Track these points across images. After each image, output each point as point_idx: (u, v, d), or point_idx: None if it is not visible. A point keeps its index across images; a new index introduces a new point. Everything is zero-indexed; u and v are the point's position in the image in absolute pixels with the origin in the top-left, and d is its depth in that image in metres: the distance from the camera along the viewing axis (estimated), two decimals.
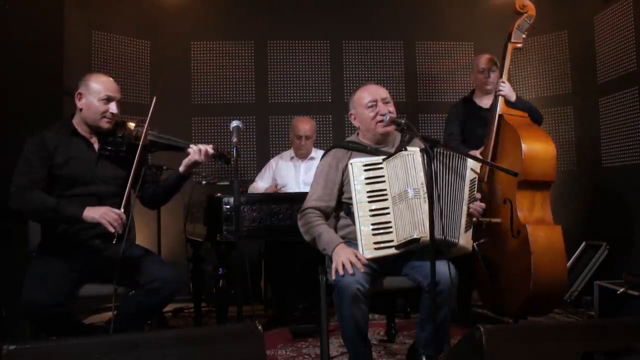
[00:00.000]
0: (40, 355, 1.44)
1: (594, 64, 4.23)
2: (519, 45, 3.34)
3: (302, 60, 4.81)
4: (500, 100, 3.26)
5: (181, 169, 2.47)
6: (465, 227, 2.31)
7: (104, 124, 2.40)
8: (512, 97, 3.30)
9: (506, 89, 3.27)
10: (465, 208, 2.31)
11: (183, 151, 2.48)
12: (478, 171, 2.41)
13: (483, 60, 3.56)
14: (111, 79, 2.46)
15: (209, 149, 2.45)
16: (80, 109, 2.41)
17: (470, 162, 2.36)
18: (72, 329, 2.19)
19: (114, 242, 2.20)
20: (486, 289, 3.31)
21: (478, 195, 2.40)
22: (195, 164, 2.46)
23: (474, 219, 2.37)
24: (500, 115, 3.23)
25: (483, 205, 2.40)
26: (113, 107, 2.40)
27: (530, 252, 2.90)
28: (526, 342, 1.69)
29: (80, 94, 2.40)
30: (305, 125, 3.88)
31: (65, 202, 2.27)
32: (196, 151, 2.43)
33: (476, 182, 2.39)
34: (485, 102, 3.52)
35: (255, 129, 4.75)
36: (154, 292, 2.24)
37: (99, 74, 2.46)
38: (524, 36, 3.33)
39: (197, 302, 3.52)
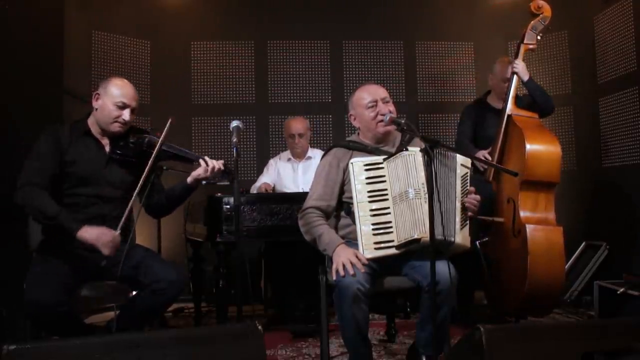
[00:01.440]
0: (41, 355, 1.45)
1: (594, 64, 4.23)
2: (532, 46, 3.33)
3: (302, 60, 4.81)
4: (510, 100, 3.26)
5: (189, 179, 2.43)
6: (461, 225, 2.29)
7: (115, 128, 2.38)
8: (525, 77, 3.31)
9: (520, 67, 3.28)
10: (458, 205, 2.30)
11: (192, 163, 2.44)
12: (469, 166, 2.40)
13: (509, 70, 3.36)
14: (131, 85, 2.42)
15: (221, 166, 2.40)
16: (95, 109, 2.39)
17: (460, 158, 2.35)
18: (73, 328, 2.18)
19: (102, 264, 2.13)
20: (490, 288, 3.32)
21: (472, 189, 2.39)
22: (203, 179, 2.42)
23: (469, 213, 2.35)
24: (509, 116, 3.23)
25: (478, 197, 2.39)
26: (126, 115, 2.36)
27: (527, 253, 2.90)
28: (526, 342, 1.69)
29: (98, 94, 2.38)
30: (297, 124, 3.85)
31: (67, 213, 2.20)
32: (206, 169, 2.38)
33: (468, 178, 2.38)
34: (497, 103, 3.53)
35: (255, 129, 4.75)
36: (159, 293, 2.23)
37: (121, 79, 2.43)
38: (538, 37, 3.32)
39: (197, 302, 3.52)
